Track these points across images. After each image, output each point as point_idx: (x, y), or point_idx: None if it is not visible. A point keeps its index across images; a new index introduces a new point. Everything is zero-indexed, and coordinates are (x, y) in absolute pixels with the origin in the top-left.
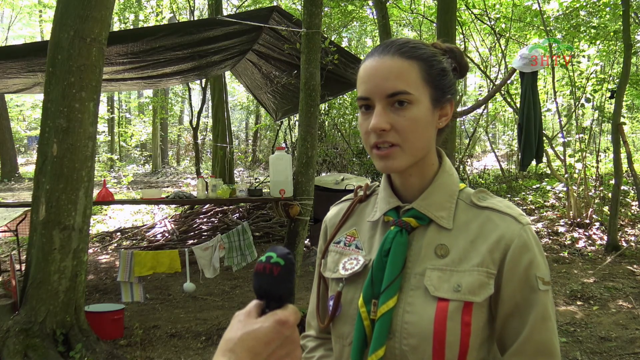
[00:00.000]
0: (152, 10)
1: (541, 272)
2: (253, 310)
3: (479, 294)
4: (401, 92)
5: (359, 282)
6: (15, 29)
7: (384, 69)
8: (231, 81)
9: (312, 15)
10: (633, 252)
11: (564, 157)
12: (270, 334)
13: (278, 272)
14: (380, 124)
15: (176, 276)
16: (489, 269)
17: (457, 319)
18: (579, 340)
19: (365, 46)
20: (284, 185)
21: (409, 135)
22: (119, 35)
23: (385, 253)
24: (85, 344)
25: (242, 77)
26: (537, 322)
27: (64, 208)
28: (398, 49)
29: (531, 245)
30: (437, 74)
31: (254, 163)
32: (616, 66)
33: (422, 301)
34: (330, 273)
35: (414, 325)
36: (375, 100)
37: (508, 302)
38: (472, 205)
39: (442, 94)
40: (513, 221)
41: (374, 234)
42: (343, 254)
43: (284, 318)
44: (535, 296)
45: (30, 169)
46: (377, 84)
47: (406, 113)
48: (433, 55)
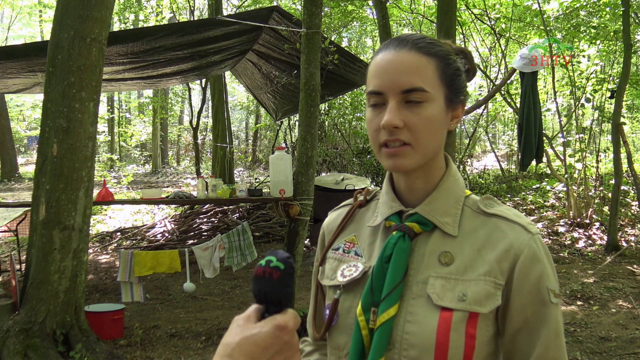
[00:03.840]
0: (152, 10)
1: (552, 285)
2: (252, 315)
3: (485, 304)
4: (418, 88)
5: (357, 290)
6: (15, 29)
7: (400, 63)
8: (231, 81)
9: (312, 15)
10: (633, 252)
11: (564, 157)
12: (269, 339)
13: (278, 276)
14: (393, 121)
15: (176, 276)
16: (496, 279)
17: (462, 330)
18: (579, 340)
19: (365, 46)
20: (284, 185)
21: (422, 134)
22: (119, 35)
23: (386, 259)
24: (85, 344)
25: (242, 77)
26: (550, 339)
27: (64, 208)
28: (415, 43)
29: (541, 256)
30: (452, 74)
31: (254, 163)
32: (616, 66)
33: (425, 310)
34: (328, 280)
35: (415, 336)
36: (389, 95)
37: (517, 315)
38: (479, 212)
39: (456, 94)
40: (522, 230)
41: (374, 239)
42: (342, 261)
43: (283, 323)
44: (547, 310)
45: (30, 169)
46: (392, 78)
47: (421, 111)
48: (449, 53)
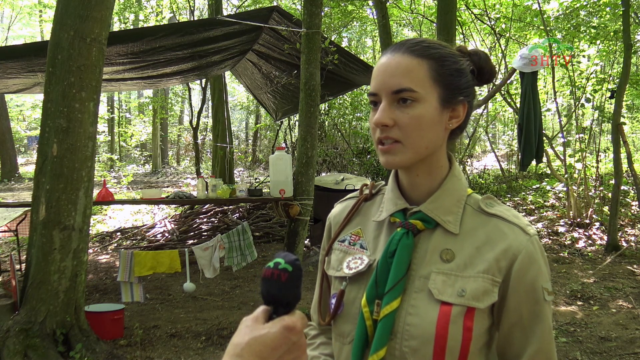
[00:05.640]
0: (152, 10)
1: (546, 283)
2: (261, 316)
3: (482, 300)
4: (405, 89)
5: (362, 282)
6: (15, 29)
7: (392, 66)
8: (231, 81)
9: (312, 15)
10: (633, 252)
11: (564, 157)
12: (278, 339)
13: (286, 278)
14: (382, 119)
15: (176, 276)
16: (494, 277)
17: (460, 323)
18: (579, 340)
19: (365, 46)
20: (284, 185)
21: (411, 132)
22: (119, 35)
23: (390, 254)
24: (85, 344)
25: (242, 77)
26: (545, 334)
27: (64, 208)
28: (409, 47)
29: (538, 257)
30: (448, 74)
31: (254, 163)
32: (616, 66)
33: (426, 304)
34: (333, 271)
35: (416, 327)
36: (382, 96)
37: (513, 312)
38: (480, 212)
39: (453, 94)
40: (520, 232)
41: (379, 234)
42: (347, 253)
43: (292, 324)
44: (541, 308)
45: (30, 169)
46: (384, 80)
47: (409, 110)
48: (447, 55)
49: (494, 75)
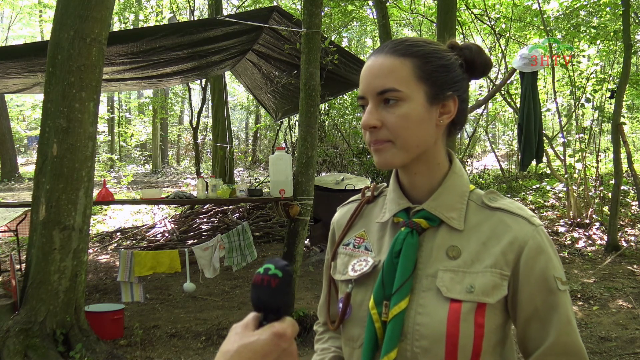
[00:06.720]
0: (152, 10)
1: (558, 273)
2: (250, 323)
3: (492, 295)
4: (389, 89)
5: (368, 284)
6: (15, 29)
7: (375, 67)
8: (231, 81)
9: (312, 15)
10: (633, 252)
11: (564, 157)
12: (267, 346)
13: (276, 284)
14: (369, 121)
15: (176, 276)
16: (502, 271)
17: (470, 320)
18: None
19: (365, 46)
20: (284, 185)
21: (399, 131)
22: (119, 35)
23: (396, 254)
24: (85, 344)
25: (242, 77)
26: (562, 324)
27: (64, 208)
28: (392, 47)
29: (545, 247)
30: (433, 71)
31: (254, 163)
32: (616, 66)
33: (435, 302)
34: (339, 275)
35: (426, 327)
36: (369, 98)
37: (527, 305)
38: (483, 206)
39: (441, 90)
40: (526, 223)
41: (383, 235)
42: (352, 256)
43: (282, 330)
44: (556, 298)
45: (30, 169)
46: (369, 82)
47: (395, 110)
48: (431, 52)
49: (489, 68)
